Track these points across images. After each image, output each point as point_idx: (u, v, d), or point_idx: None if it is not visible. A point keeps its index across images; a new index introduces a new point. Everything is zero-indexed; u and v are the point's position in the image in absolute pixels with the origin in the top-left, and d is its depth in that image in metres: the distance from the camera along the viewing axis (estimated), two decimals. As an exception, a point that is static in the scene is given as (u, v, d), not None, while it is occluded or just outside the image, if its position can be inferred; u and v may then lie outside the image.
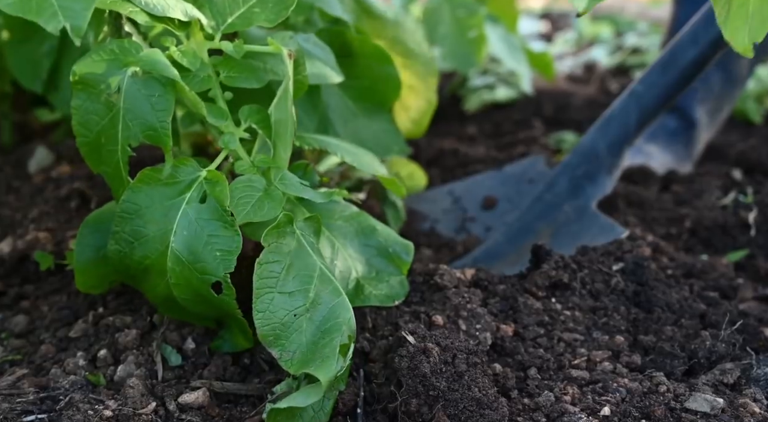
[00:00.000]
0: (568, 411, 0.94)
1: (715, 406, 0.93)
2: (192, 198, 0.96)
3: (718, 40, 1.35)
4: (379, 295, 1.06)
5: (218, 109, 1.01)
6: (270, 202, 0.98)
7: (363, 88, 1.30)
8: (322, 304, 0.95)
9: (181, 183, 0.97)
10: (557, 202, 1.42)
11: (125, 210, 0.96)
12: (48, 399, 0.96)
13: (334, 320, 0.94)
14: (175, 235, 0.94)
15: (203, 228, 0.95)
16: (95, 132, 0.97)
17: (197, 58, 1.00)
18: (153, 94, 0.94)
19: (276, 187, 0.99)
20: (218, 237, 0.94)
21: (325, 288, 0.96)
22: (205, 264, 0.94)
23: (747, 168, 1.95)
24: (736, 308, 1.14)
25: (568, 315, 1.11)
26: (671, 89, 1.41)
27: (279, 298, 0.93)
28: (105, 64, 0.95)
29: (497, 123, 2.38)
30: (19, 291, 1.23)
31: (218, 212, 0.95)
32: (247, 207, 0.96)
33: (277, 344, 0.92)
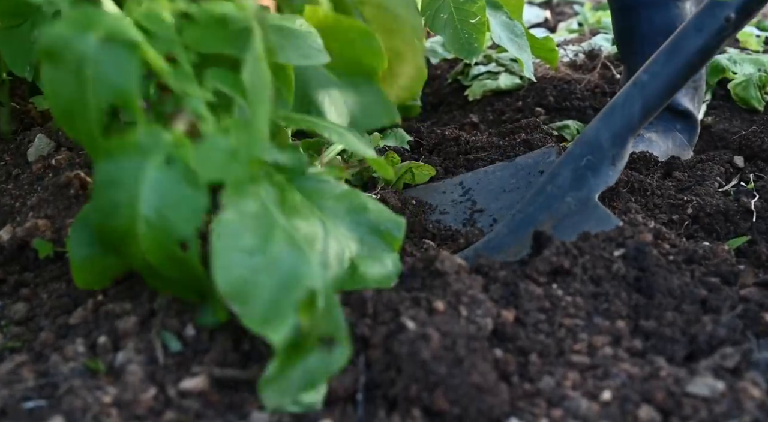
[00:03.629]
0: (569, 395, 0.94)
1: (716, 390, 0.93)
2: (158, 162, 0.95)
3: (723, 28, 1.34)
4: (374, 275, 1.06)
5: (182, 72, 1.00)
6: (235, 162, 0.96)
7: (346, 63, 1.28)
8: (282, 261, 0.94)
9: (147, 147, 0.96)
10: (560, 194, 1.41)
11: (100, 180, 0.96)
12: (48, 386, 0.96)
13: (295, 277, 0.94)
14: (143, 200, 0.94)
15: (170, 190, 0.94)
16: (66, 101, 0.96)
17: (159, 19, 0.99)
18: (118, 59, 0.93)
19: (242, 149, 0.98)
20: (185, 197, 0.94)
21: (287, 247, 0.95)
22: (173, 223, 0.94)
23: (749, 155, 1.95)
24: (737, 293, 1.14)
25: (569, 301, 1.11)
26: (676, 78, 1.39)
27: (238, 255, 0.93)
28: (70, 32, 0.94)
29: (500, 110, 2.38)
30: (18, 279, 1.23)
31: (184, 173, 0.94)
32: (213, 168, 0.95)
33: (238, 300, 0.92)
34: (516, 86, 2.47)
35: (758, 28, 3.07)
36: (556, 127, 2.16)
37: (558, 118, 2.29)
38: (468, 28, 1.78)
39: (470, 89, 2.51)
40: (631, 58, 1.98)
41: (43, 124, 1.77)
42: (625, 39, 2.02)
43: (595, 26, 3.36)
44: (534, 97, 2.38)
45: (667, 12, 1.90)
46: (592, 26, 3.37)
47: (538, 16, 3.74)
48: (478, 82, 2.52)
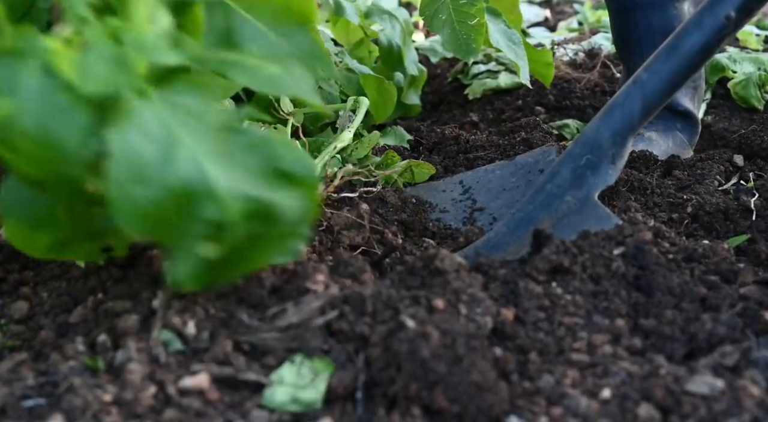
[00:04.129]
0: (569, 394, 0.94)
1: (715, 388, 0.93)
2: (34, 68, 0.87)
3: (724, 26, 1.34)
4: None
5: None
6: (123, 70, 0.88)
7: (275, 9, 1.19)
8: (185, 187, 0.87)
9: (22, 54, 0.88)
10: (559, 193, 1.41)
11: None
12: (48, 384, 0.96)
13: (198, 207, 0.87)
14: (20, 112, 0.86)
15: (49, 101, 0.86)
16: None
17: None
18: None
19: (130, 54, 0.89)
20: (65, 110, 0.86)
21: (188, 167, 0.87)
22: (57, 139, 0.86)
23: (748, 153, 1.96)
24: (737, 292, 1.14)
25: (569, 300, 1.11)
26: (676, 76, 1.39)
27: (138, 190, 0.85)
28: None
29: (499, 109, 2.38)
30: (18, 278, 1.23)
31: (66, 84, 0.86)
32: (97, 78, 0.87)
33: (144, 232, 0.87)
34: (516, 85, 2.47)
35: (758, 26, 3.08)
36: (555, 126, 2.16)
37: (558, 116, 2.29)
38: (466, 29, 1.78)
39: (470, 88, 2.51)
40: (630, 58, 1.98)
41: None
42: (624, 40, 2.02)
43: (595, 25, 3.36)
44: (534, 96, 2.39)
45: (664, 13, 1.90)
46: (592, 25, 3.37)
47: (538, 15, 3.74)
48: (478, 81, 2.52)
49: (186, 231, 0.88)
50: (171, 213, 0.87)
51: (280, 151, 0.95)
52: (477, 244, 1.44)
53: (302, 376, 0.97)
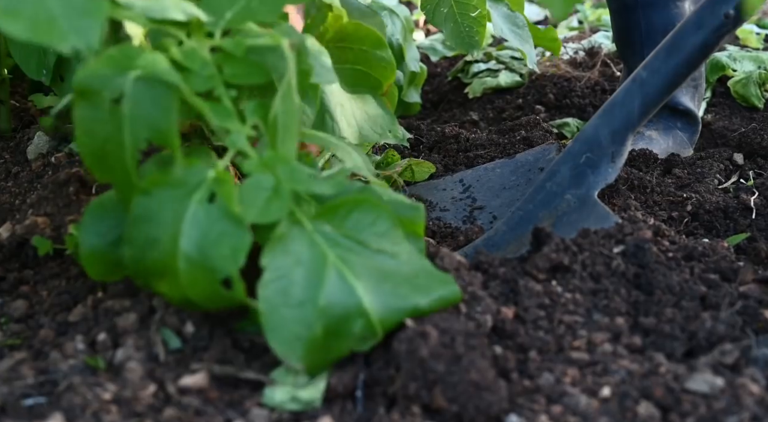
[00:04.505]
0: (568, 392, 0.94)
1: (715, 387, 0.93)
2: (201, 198, 0.95)
3: (723, 24, 1.34)
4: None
5: (223, 109, 1.00)
6: (278, 201, 0.96)
7: (358, 73, 1.29)
8: (335, 308, 0.94)
9: (189, 184, 0.96)
10: (559, 191, 1.41)
11: (137, 214, 0.96)
12: (47, 383, 0.96)
13: (348, 326, 0.94)
14: (184, 236, 0.93)
15: (212, 227, 0.94)
16: (101, 140, 0.95)
17: (198, 57, 0.99)
18: (157, 97, 0.93)
19: (284, 185, 0.98)
20: (227, 235, 0.94)
21: (337, 287, 0.95)
22: (215, 262, 0.93)
23: (748, 152, 1.96)
24: (737, 290, 1.14)
25: (569, 298, 1.11)
26: (675, 75, 1.38)
27: (288, 313, 0.93)
28: (107, 71, 0.94)
29: (500, 108, 2.38)
30: (18, 276, 1.23)
31: (227, 211, 0.94)
32: (256, 208, 0.95)
33: (298, 359, 0.93)
34: (516, 84, 2.47)
35: (758, 25, 3.07)
36: (556, 125, 2.16)
37: (558, 115, 2.29)
38: (468, 21, 1.78)
39: (470, 87, 2.51)
40: (631, 57, 1.98)
41: (43, 121, 1.77)
42: (625, 39, 2.02)
43: (595, 24, 3.36)
44: (534, 94, 2.39)
45: (665, 12, 1.90)
46: (593, 24, 3.37)
47: (538, 13, 3.74)
48: (478, 80, 2.52)
49: (335, 348, 0.95)
50: (321, 334, 0.94)
51: (393, 205, 1.06)
52: (477, 243, 1.44)
53: (302, 375, 0.97)
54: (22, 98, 1.91)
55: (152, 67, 0.93)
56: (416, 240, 1.09)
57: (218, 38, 1.02)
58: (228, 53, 1.02)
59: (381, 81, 1.31)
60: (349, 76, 1.30)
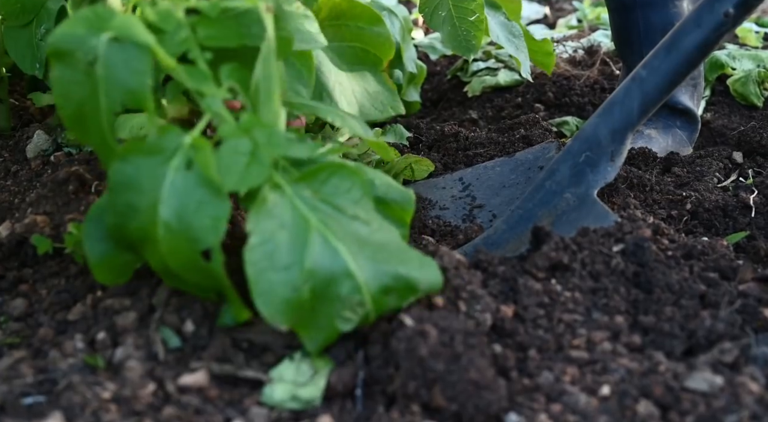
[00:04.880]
0: (568, 390, 0.94)
1: (714, 385, 0.93)
2: (178, 165, 0.94)
3: (722, 23, 1.34)
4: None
5: (198, 71, 0.98)
6: (257, 166, 0.95)
7: (356, 51, 1.27)
8: (321, 270, 0.94)
9: (165, 151, 0.95)
10: (558, 190, 1.41)
11: (115, 181, 0.95)
12: (47, 382, 0.96)
13: (335, 288, 0.94)
14: (163, 204, 0.93)
15: (191, 195, 0.93)
16: (76, 102, 0.95)
17: (173, 18, 0.98)
18: (130, 59, 0.92)
19: (263, 149, 0.96)
20: (207, 204, 0.93)
21: (323, 251, 0.94)
22: (195, 231, 0.93)
23: (748, 150, 1.96)
24: (736, 289, 1.14)
25: (568, 296, 1.10)
26: (675, 74, 1.38)
27: (275, 276, 0.92)
28: (81, 32, 0.93)
29: (499, 106, 2.38)
30: (17, 275, 1.23)
31: (205, 179, 0.93)
32: (235, 174, 0.94)
33: (285, 321, 0.93)
34: (515, 82, 2.47)
35: (757, 24, 3.07)
36: (555, 123, 2.16)
37: (557, 114, 2.29)
38: (466, 25, 1.77)
39: (469, 85, 2.51)
40: (630, 57, 1.98)
41: (42, 120, 1.77)
42: (623, 38, 2.01)
43: (594, 22, 3.36)
44: (533, 93, 2.38)
45: (664, 11, 1.90)
46: (592, 22, 3.37)
47: (537, 12, 3.74)
48: (477, 79, 2.52)
49: (323, 313, 0.94)
50: (308, 297, 0.93)
51: (383, 188, 1.07)
52: (476, 241, 1.44)
53: (301, 373, 0.97)
54: (21, 97, 1.91)
55: (125, 28, 0.92)
56: (402, 226, 1.08)
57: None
58: (204, 15, 1.00)
59: (380, 57, 1.29)
60: (347, 53, 1.27)
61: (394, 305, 0.97)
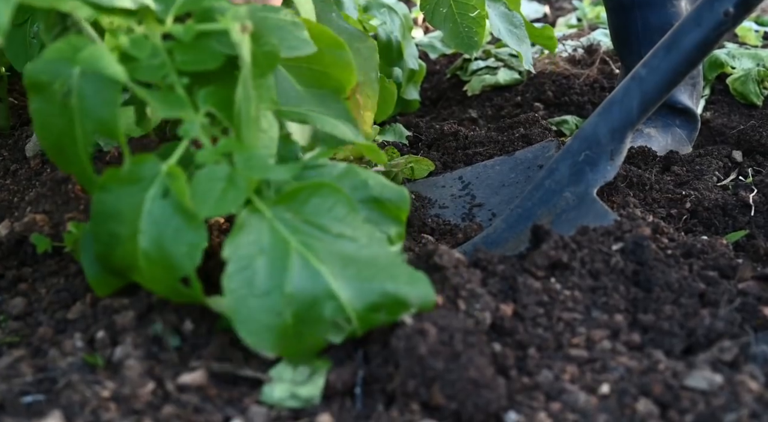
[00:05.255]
0: (567, 389, 0.94)
1: (714, 383, 0.93)
2: (154, 195, 0.94)
3: (722, 22, 1.34)
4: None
5: (175, 97, 0.98)
6: (234, 191, 0.94)
7: (315, 74, 1.22)
8: (302, 294, 0.93)
9: (143, 180, 0.95)
10: (558, 189, 1.41)
11: (98, 211, 0.96)
12: (46, 381, 0.96)
13: (318, 311, 0.93)
14: (142, 234, 0.93)
15: (168, 224, 0.93)
16: (55, 134, 0.96)
17: (147, 45, 0.97)
18: (100, 90, 0.93)
19: (240, 173, 0.95)
20: (183, 231, 0.93)
21: (303, 274, 0.94)
22: (173, 259, 0.93)
23: (747, 149, 1.96)
24: (735, 287, 1.14)
25: (568, 295, 1.11)
26: (675, 73, 1.38)
27: (255, 303, 0.92)
28: (55, 64, 0.94)
29: (498, 105, 2.38)
30: (16, 274, 1.23)
31: (181, 206, 0.93)
32: (210, 201, 0.93)
33: (270, 348, 0.93)
34: (515, 81, 2.47)
35: (757, 22, 3.07)
36: (554, 122, 2.16)
37: (557, 113, 2.29)
38: (467, 21, 1.77)
39: (469, 84, 2.51)
40: (628, 56, 1.98)
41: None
42: (621, 38, 2.01)
43: (594, 21, 3.36)
44: (533, 92, 2.38)
45: (662, 11, 1.90)
46: (591, 21, 3.37)
47: (537, 11, 3.74)
48: (476, 78, 2.52)
49: (308, 335, 0.94)
50: (291, 322, 0.93)
51: (377, 188, 1.06)
52: (475, 240, 1.44)
53: (300, 372, 0.97)
54: (20, 95, 1.91)
55: (94, 60, 0.92)
56: (397, 224, 1.07)
57: (169, 24, 1.00)
58: (178, 40, 1.00)
59: (342, 83, 1.25)
60: (305, 76, 1.24)
61: (385, 320, 0.96)
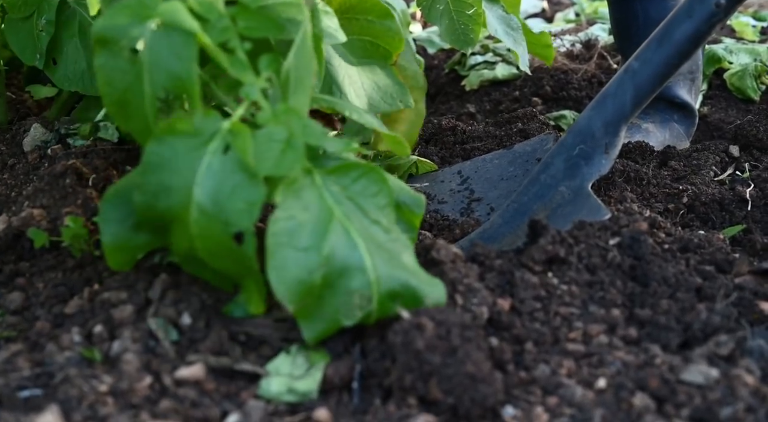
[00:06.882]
0: (564, 383, 0.95)
1: (710, 378, 0.93)
2: (215, 149, 0.95)
3: (714, 13, 1.33)
4: None
5: (238, 61, 1.00)
6: (292, 153, 0.96)
7: (365, 44, 1.28)
8: (336, 260, 0.95)
9: (204, 134, 0.96)
10: (553, 183, 1.41)
11: (150, 161, 0.95)
12: (43, 375, 0.96)
13: (346, 280, 0.95)
14: (198, 186, 0.93)
15: (227, 179, 0.94)
16: (121, 89, 0.96)
17: (214, 8, 0.99)
18: (176, 45, 0.94)
19: (297, 138, 0.97)
20: (242, 188, 0.94)
21: (341, 241, 0.96)
22: (229, 214, 0.93)
23: (744, 144, 1.96)
24: (732, 282, 1.14)
25: (565, 290, 1.11)
26: (667, 65, 1.38)
27: (292, 255, 0.93)
28: (125, 20, 0.95)
29: (496, 100, 2.37)
30: (14, 268, 1.23)
31: (242, 163, 0.94)
32: (270, 160, 0.95)
33: (293, 302, 0.93)
34: (513, 76, 2.47)
35: (754, 17, 3.07)
36: (552, 117, 2.16)
37: (555, 107, 2.29)
38: (464, 19, 1.77)
39: (467, 79, 2.51)
40: (628, 49, 1.98)
41: (39, 113, 1.77)
42: (622, 31, 2.01)
43: (592, 16, 3.35)
44: (531, 87, 2.38)
45: (663, 3, 1.89)
46: (589, 16, 3.36)
47: (535, 6, 3.73)
48: (475, 72, 2.51)
49: (329, 303, 0.95)
50: (319, 282, 0.94)
51: (395, 191, 1.08)
52: (472, 236, 1.44)
53: (298, 366, 0.97)
54: (18, 90, 1.90)
55: (171, 15, 0.93)
56: (410, 230, 1.09)
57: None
58: (243, 5, 1.02)
59: (390, 51, 1.31)
60: (356, 47, 1.29)
61: (396, 312, 0.97)
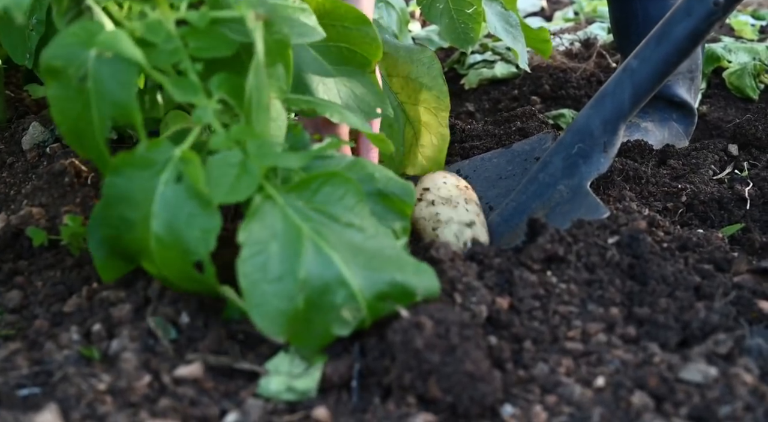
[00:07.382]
0: (563, 382, 0.95)
1: (709, 376, 0.93)
2: (167, 178, 0.94)
3: (712, 12, 1.33)
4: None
5: (188, 83, 0.98)
6: (247, 177, 0.95)
7: (343, 51, 1.27)
8: (314, 280, 0.94)
9: (156, 164, 0.95)
10: (552, 182, 1.41)
11: (109, 194, 0.96)
12: (42, 374, 0.96)
13: (330, 296, 0.94)
14: (154, 218, 0.93)
15: (181, 208, 0.94)
16: (72, 118, 0.96)
17: (162, 30, 0.98)
18: (118, 73, 0.93)
19: (253, 160, 0.96)
20: (197, 216, 0.93)
21: (315, 260, 0.94)
22: (186, 244, 0.93)
23: (743, 143, 1.96)
24: (731, 280, 1.14)
25: (564, 288, 1.11)
26: (666, 64, 1.37)
27: (269, 288, 0.92)
28: (70, 49, 0.94)
29: (495, 99, 2.38)
30: (12, 267, 1.23)
31: (195, 191, 0.93)
32: (224, 187, 0.94)
33: (281, 333, 0.93)
34: (512, 75, 2.47)
35: (753, 16, 3.07)
36: (551, 116, 2.16)
37: (554, 106, 2.29)
38: (464, 17, 1.77)
39: (466, 78, 2.51)
40: (628, 48, 1.98)
41: (38, 112, 1.77)
42: (622, 30, 2.01)
43: (591, 15, 3.36)
44: (530, 85, 2.38)
45: (663, 2, 1.89)
46: (588, 15, 3.37)
47: (534, 4, 3.73)
48: (474, 71, 2.52)
49: (318, 322, 0.94)
50: (302, 307, 0.93)
51: (383, 182, 1.08)
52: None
53: (297, 365, 0.97)
54: (16, 88, 1.91)
55: (111, 43, 0.92)
56: (402, 219, 1.08)
57: (183, 10, 1.01)
58: (193, 26, 1.00)
59: (368, 58, 1.29)
60: (333, 53, 1.27)
61: (391, 310, 0.97)
